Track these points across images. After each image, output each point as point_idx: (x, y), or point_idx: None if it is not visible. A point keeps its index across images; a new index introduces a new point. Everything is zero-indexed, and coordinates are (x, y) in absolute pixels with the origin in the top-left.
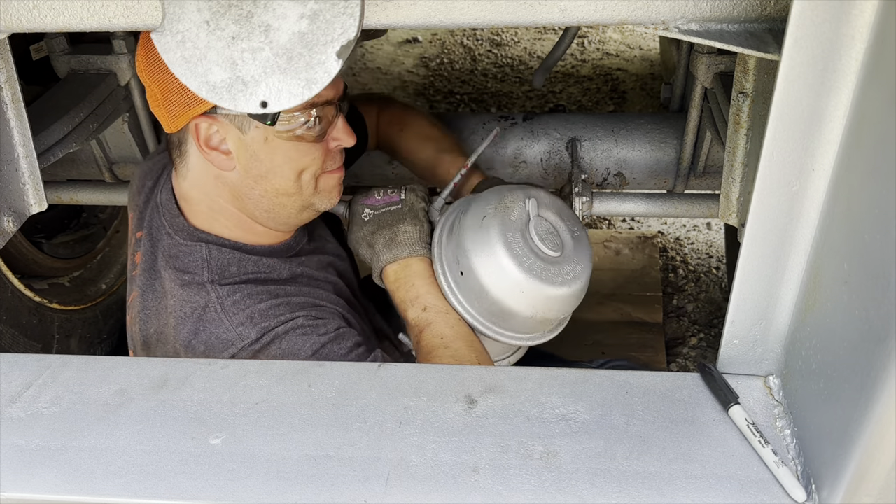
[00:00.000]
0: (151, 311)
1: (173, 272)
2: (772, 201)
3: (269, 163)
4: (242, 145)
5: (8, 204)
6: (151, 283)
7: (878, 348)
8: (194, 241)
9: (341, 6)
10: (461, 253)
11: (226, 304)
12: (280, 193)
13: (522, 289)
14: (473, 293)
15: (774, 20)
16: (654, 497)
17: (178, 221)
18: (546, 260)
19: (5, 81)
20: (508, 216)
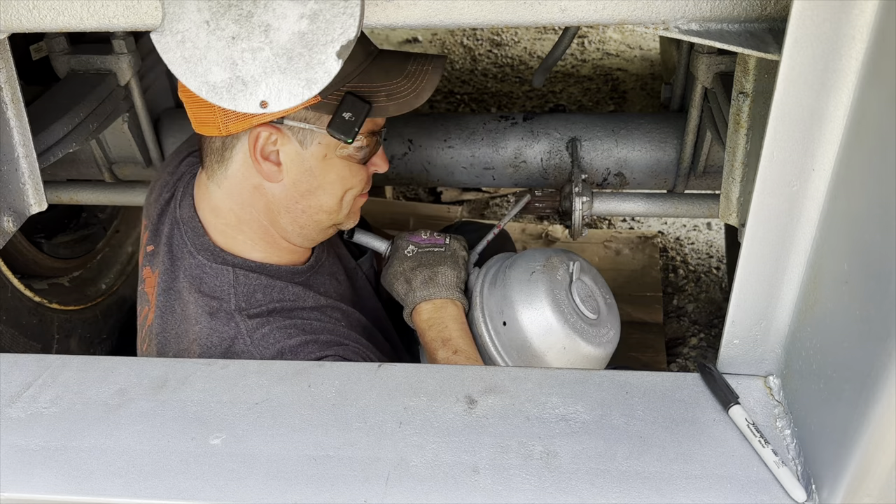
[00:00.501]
0: (171, 335)
1: (199, 296)
2: (772, 201)
3: (322, 179)
4: (299, 159)
5: (8, 204)
6: (171, 304)
7: (878, 348)
8: (219, 264)
9: (341, 6)
10: (507, 304)
11: (255, 338)
12: (322, 210)
13: (564, 345)
14: (514, 344)
15: (774, 20)
16: (654, 497)
17: (202, 241)
18: (586, 321)
19: (5, 81)
20: (555, 275)
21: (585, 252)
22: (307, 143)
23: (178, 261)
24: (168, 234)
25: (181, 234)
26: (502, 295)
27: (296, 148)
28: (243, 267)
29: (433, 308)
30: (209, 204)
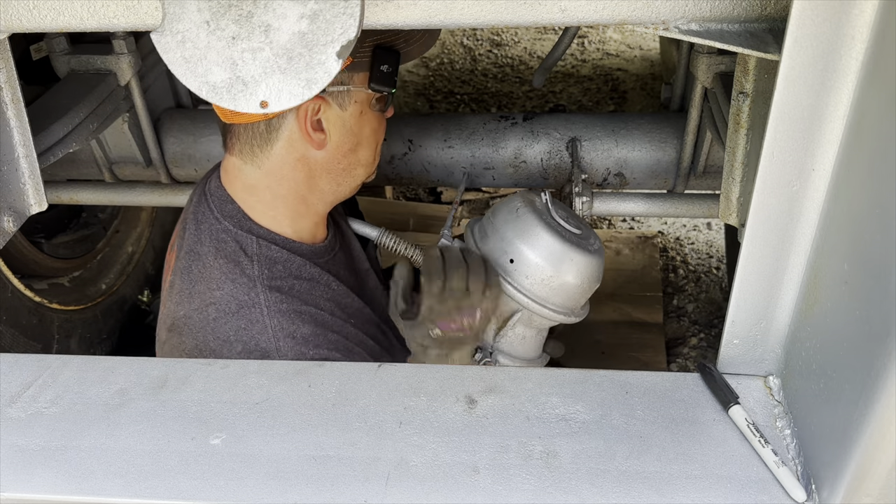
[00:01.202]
0: (185, 294)
1: (223, 261)
2: (772, 201)
3: (361, 136)
4: (340, 122)
5: (8, 204)
6: (189, 265)
7: (878, 348)
8: (245, 231)
9: (341, 6)
10: (507, 243)
11: (272, 311)
12: (360, 164)
13: (571, 257)
14: (526, 274)
15: (774, 20)
16: (654, 497)
17: (230, 208)
18: (577, 236)
19: (5, 81)
20: (535, 206)
21: None
22: (346, 105)
23: (202, 225)
24: (195, 206)
25: (207, 203)
26: (499, 238)
27: (336, 112)
28: (267, 238)
29: None
30: (243, 184)
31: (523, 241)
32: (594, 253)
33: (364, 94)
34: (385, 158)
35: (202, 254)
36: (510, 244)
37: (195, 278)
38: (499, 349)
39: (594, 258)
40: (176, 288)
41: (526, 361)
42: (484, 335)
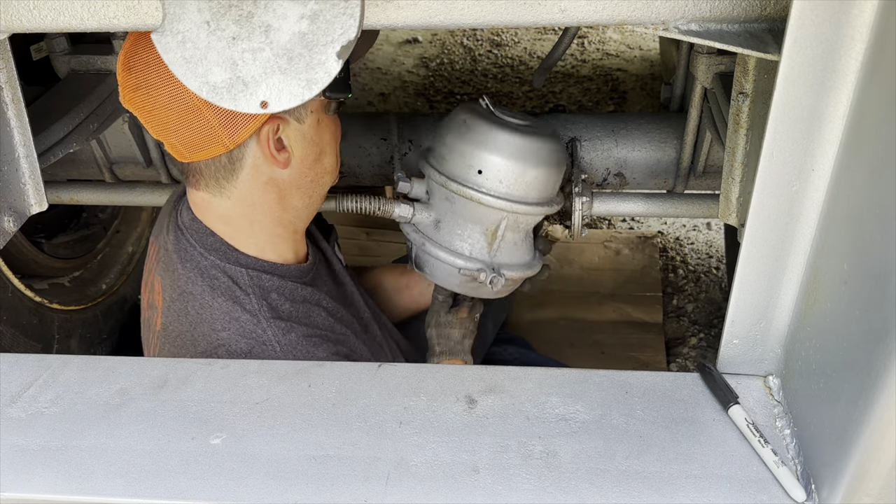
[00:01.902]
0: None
1: (221, 300)
2: (772, 201)
3: (321, 143)
4: (300, 135)
5: (8, 204)
6: (184, 307)
7: (878, 348)
8: (232, 264)
9: (341, 6)
10: (468, 157)
11: (282, 345)
12: (327, 172)
13: (534, 147)
14: (498, 179)
15: (774, 20)
16: (654, 497)
17: (211, 241)
18: (529, 126)
19: (6, 81)
20: (480, 112)
21: (585, 252)
22: (303, 118)
23: (188, 263)
24: (174, 242)
25: (186, 238)
26: (458, 155)
27: (295, 127)
28: (256, 267)
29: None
30: (216, 216)
31: (484, 149)
32: (552, 137)
33: (318, 101)
34: (385, 158)
35: (196, 294)
36: (472, 156)
37: (194, 321)
38: (498, 264)
39: (553, 142)
40: (173, 332)
41: (525, 268)
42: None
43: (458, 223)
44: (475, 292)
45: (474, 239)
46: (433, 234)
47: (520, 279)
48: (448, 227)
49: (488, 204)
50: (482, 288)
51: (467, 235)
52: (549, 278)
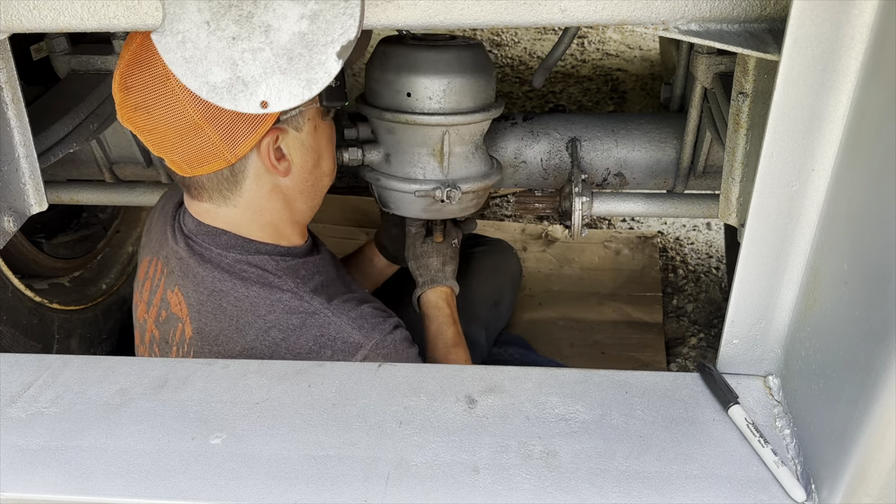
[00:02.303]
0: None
1: (256, 288)
2: (772, 201)
3: (319, 148)
4: (299, 143)
5: (8, 204)
6: (219, 304)
7: (878, 348)
8: (254, 254)
9: (341, 6)
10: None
11: (333, 308)
12: (326, 174)
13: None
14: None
15: (774, 20)
16: (653, 497)
17: (225, 239)
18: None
19: (6, 81)
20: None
21: (585, 252)
22: (301, 126)
23: (208, 264)
24: (186, 249)
25: (198, 243)
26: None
27: (293, 135)
28: (275, 253)
29: (450, 293)
30: (225, 222)
31: (406, 71)
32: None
33: (315, 108)
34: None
35: (227, 290)
36: (398, 82)
37: (233, 315)
38: (453, 180)
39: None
40: (211, 332)
41: (482, 178)
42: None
43: (405, 151)
44: (441, 213)
45: (424, 162)
46: (387, 168)
47: (482, 190)
48: (398, 158)
49: (424, 122)
50: (446, 207)
51: (417, 160)
52: (549, 278)
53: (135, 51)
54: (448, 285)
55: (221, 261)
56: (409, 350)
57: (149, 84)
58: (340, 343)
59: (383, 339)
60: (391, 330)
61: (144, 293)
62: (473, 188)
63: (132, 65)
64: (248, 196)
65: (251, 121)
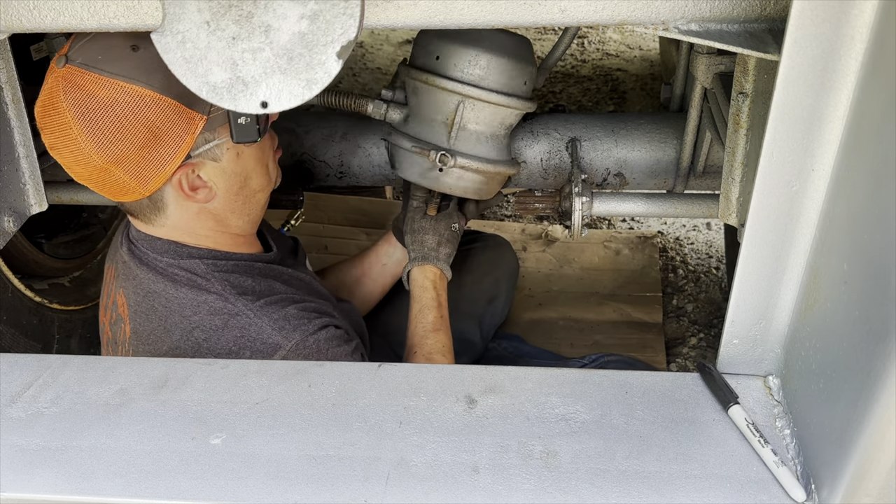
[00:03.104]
0: (160, 332)
1: (185, 290)
2: (772, 201)
3: (245, 171)
4: (219, 172)
5: (8, 204)
6: (151, 304)
7: (878, 348)
8: (185, 258)
9: (341, 6)
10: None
11: (255, 309)
12: (257, 191)
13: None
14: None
15: (774, 20)
16: (653, 497)
17: (159, 244)
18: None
19: (6, 81)
20: None
21: (585, 252)
22: (219, 156)
23: (145, 266)
24: (128, 252)
25: (138, 248)
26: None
27: (212, 165)
28: (209, 257)
29: (440, 275)
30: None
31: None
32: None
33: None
34: (385, 158)
35: (159, 291)
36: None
37: (163, 315)
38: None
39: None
40: (144, 331)
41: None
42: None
43: (422, 114)
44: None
45: (436, 128)
46: (402, 127)
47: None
48: (415, 120)
49: (441, 86)
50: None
51: (430, 125)
52: (549, 278)
53: (47, 92)
54: (439, 266)
55: (156, 264)
56: (337, 349)
57: (56, 130)
58: (259, 344)
59: (304, 340)
60: (316, 330)
61: (103, 297)
62: (472, 165)
63: (44, 107)
64: (174, 219)
65: (159, 160)
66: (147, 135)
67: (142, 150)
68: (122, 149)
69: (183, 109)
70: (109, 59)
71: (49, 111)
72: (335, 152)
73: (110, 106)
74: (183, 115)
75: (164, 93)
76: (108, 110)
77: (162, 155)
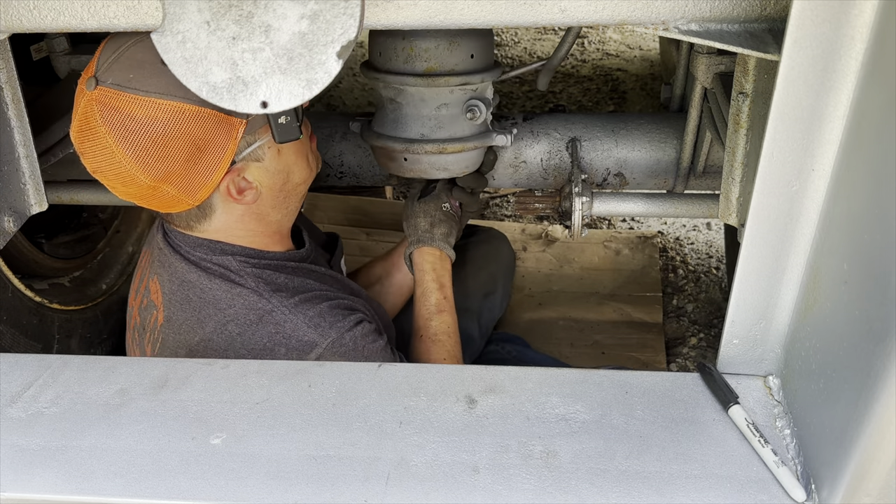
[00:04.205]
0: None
1: (219, 282)
2: (772, 201)
3: (287, 167)
4: (262, 171)
5: (8, 204)
6: (185, 294)
7: (878, 348)
8: (218, 254)
9: (341, 6)
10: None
11: (290, 308)
12: (300, 183)
13: None
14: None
15: (774, 20)
16: (653, 497)
17: (193, 239)
18: None
19: (6, 81)
20: None
21: (585, 252)
22: (262, 156)
23: (179, 255)
24: (163, 240)
25: (173, 238)
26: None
27: (256, 165)
28: (241, 254)
29: (439, 256)
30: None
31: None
32: None
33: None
34: None
35: (193, 281)
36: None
37: (197, 305)
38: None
39: None
40: (177, 320)
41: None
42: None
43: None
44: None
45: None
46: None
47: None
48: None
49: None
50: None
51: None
52: (549, 278)
53: (82, 116)
54: (436, 246)
55: (190, 256)
56: (372, 345)
57: (98, 154)
58: (295, 341)
59: (340, 337)
60: (351, 327)
61: (136, 281)
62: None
63: (82, 131)
64: (219, 223)
65: (205, 170)
66: (191, 148)
67: (187, 163)
68: (168, 166)
69: (222, 117)
70: (142, 77)
71: (88, 136)
72: (335, 152)
73: (151, 125)
74: (223, 122)
75: (203, 104)
76: (149, 130)
77: (208, 165)
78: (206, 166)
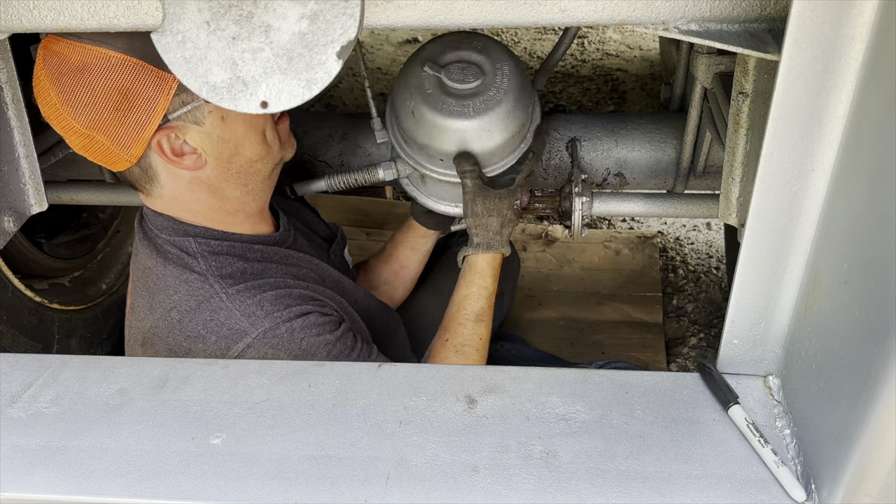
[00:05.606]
0: (146, 308)
1: (172, 267)
2: (772, 201)
3: (235, 137)
4: (205, 136)
5: (8, 204)
6: (145, 281)
7: (878, 348)
8: (180, 236)
9: (341, 6)
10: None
11: (230, 293)
12: (254, 161)
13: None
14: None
15: (774, 20)
16: (654, 497)
17: (159, 220)
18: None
19: (5, 81)
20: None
21: (585, 252)
22: (201, 119)
23: (147, 242)
24: (139, 230)
25: (146, 224)
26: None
27: (196, 129)
28: (204, 235)
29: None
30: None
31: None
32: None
33: None
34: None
35: (151, 267)
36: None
37: (152, 291)
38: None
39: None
40: (137, 307)
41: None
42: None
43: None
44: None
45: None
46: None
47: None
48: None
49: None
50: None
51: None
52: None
53: (35, 65)
54: (501, 251)
55: (156, 240)
56: (316, 338)
57: (42, 99)
58: (226, 329)
59: (275, 328)
60: (291, 318)
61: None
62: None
63: (34, 79)
64: (169, 189)
65: (135, 123)
66: (119, 97)
67: (117, 112)
68: (97, 113)
69: (151, 69)
70: None
71: (36, 82)
72: (335, 152)
73: (81, 70)
74: (152, 75)
75: (129, 53)
76: (79, 75)
77: (137, 118)
78: (137, 119)
